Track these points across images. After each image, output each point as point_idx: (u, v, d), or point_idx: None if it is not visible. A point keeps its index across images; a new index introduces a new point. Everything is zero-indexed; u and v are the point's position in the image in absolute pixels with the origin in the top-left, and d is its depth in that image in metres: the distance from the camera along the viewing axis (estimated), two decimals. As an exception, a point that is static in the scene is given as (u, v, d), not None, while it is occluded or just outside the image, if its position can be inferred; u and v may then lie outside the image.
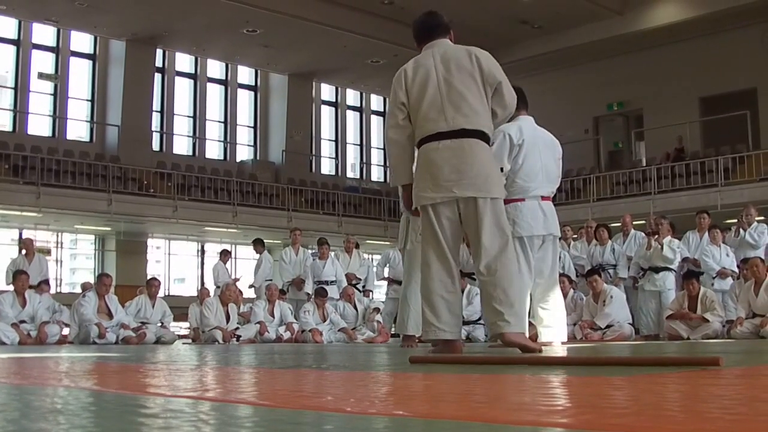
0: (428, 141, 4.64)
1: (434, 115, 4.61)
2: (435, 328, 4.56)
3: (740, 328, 9.25)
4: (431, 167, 4.59)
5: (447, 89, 4.62)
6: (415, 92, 4.69)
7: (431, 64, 4.72)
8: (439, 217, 4.62)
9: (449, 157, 4.56)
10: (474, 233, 4.60)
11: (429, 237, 4.65)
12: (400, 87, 4.76)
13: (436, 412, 1.51)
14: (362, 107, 28.17)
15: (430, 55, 4.77)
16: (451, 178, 4.54)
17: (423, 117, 4.64)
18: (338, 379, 2.63)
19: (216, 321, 11.11)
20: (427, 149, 4.64)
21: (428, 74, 4.69)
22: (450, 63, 4.68)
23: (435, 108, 4.62)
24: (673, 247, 10.69)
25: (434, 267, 4.61)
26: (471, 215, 4.59)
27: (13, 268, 11.97)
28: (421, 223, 4.74)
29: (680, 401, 1.68)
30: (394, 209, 24.58)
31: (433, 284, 4.60)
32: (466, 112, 4.59)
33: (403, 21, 21.01)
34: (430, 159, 4.60)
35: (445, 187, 4.56)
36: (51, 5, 19.31)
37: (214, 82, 24.86)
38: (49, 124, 21.60)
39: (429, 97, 4.64)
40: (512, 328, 4.49)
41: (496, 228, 4.57)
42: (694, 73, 21.27)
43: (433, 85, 4.65)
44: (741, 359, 3.79)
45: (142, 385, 2.41)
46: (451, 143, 4.57)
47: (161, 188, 20.50)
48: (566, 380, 2.32)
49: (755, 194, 17.33)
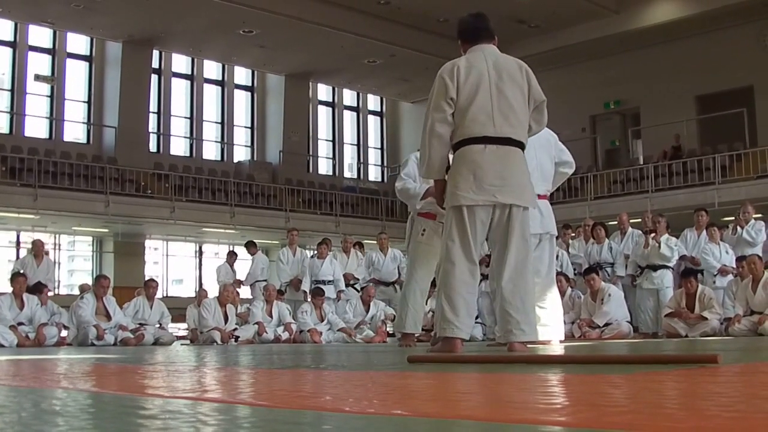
0: (472, 143, 4.65)
1: (483, 119, 4.63)
2: (454, 326, 4.59)
3: (738, 326, 9.26)
4: (476, 169, 4.61)
5: (498, 96, 4.66)
6: (466, 92, 4.68)
7: (484, 67, 4.73)
8: (474, 219, 4.64)
9: (494, 162, 4.61)
10: (502, 239, 4.68)
11: (458, 236, 4.65)
12: (452, 82, 4.71)
13: (435, 411, 1.51)
14: (359, 107, 28.17)
15: (482, 58, 4.78)
16: (495, 183, 4.60)
17: (471, 118, 4.65)
18: (337, 379, 2.63)
19: (214, 322, 11.10)
20: (471, 150, 4.65)
21: (481, 77, 4.70)
22: (502, 72, 4.72)
23: (484, 112, 4.64)
24: (670, 245, 10.70)
25: (460, 266, 4.63)
26: (503, 222, 4.66)
27: (20, 268, 11.97)
28: (451, 221, 4.70)
29: (679, 399, 1.68)
30: (391, 209, 24.59)
31: (456, 283, 4.62)
32: (513, 122, 4.67)
33: (399, 21, 21.05)
34: (475, 161, 4.62)
35: (488, 191, 4.60)
36: (47, 7, 19.28)
37: (210, 83, 24.84)
38: (46, 125, 21.57)
39: (480, 100, 4.65)
40: (526, 337, 4.62)
41: (522, 238, 4.68)
42: (691, 71, 21.27)
43: (485, 89, 4.67)
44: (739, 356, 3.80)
45: (141, 386, 2.41)
46: (497, 149, 4.63)
47: (158, 189, 20.48)
48: (565, 378, 2.32)
49: (752, 192, 17.34)
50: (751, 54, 20.52)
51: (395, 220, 24.15)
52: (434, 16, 20.40)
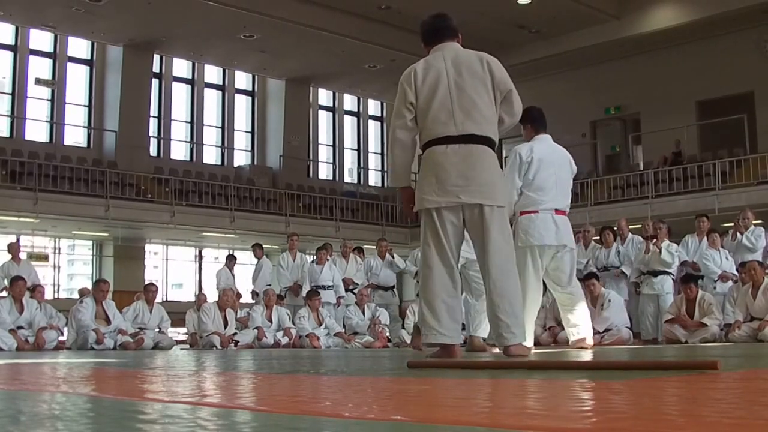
0: (435, 144, 4.57)
1: (443, 119, 4.54)
2: (436, 332, 4.49)
3: (738, 332, 9.25)
4: (438, 171, 4.53)
5: (458, 93, 4.55)
6: (424, 93, 4.60)
7: (442, 66, 4.64)
8: (443, 222, 4.55)
9: (457, 162, 4.51)
10: (480, 241, 4.58)
11: (432, 240, 4.57)
12: (410, 86, 4.65)
13: (435, 416, 1.51)
14: (359, 112, 28.18)
15: (441, 57, 4.70)
16: (458, 183, 4.49)
17: (431, 119, 4.56)
18: (336, 384, 2.63)
19: (214, 326, 11.11)
20: (433, 152, 4.57)
21: (439, 76, 4.61)
22: (461, 67, 4.62)
23: (444, 111, 4.54)
24: (671, 250, 10.71)
25: (436, 270, 4.54)
26: (477, 222, 4.55)
27: (4, 275, 11.98)
28: (424, 226, 4.65)
29: (679, 405, 1.68)
30: (391, 214, 24.59)
31: (435, 288, 4.53)
32: (475, 117, 4.54)
33: (399, 26, 21.05)
34: (437, 162, 4.54)
35: (451, 192, 4.50)
36: (48, 11, 19.30)
37: (211, 88, 24.85)
38: (47, 129, 21.57)
39: (439, 99, 4.56)
40: (518, 340, 4.55)
41: (501, 237, 4.55)
42: (691, 77, 21.28)
43: (443, 87, 4.57)
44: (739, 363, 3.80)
45: (140, 390, 2.40)
46: (459, 148, 4.52)
47: (159, 194, 20.48)
48: (564, 384, 2.32)
49: (753, 198, 17.34)
50: (751, 60, 20.54)
51: (395, 225, 24.16)
52: (435, 21, 20.38)
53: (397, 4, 20.08)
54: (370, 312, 11.94)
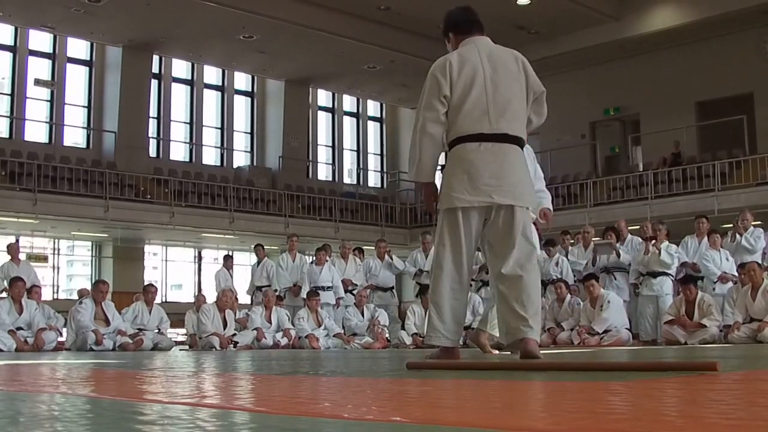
0: (466, 141, 4.40)
1: (477, 115, 4.38)
2: (440, 334, 4.39)
3: (737, 333, 9.26)
4: (470, 169, 4.36)
5: (493, 91, 4.40)
6: (460, 88, 4.41)
7: (477, 61, 4.46)
8: (468, 222, 4.41)
9: (490, 161, 4.36)
10: (503, 240, 4.42)
11: (449, 241, 4.42)
12: (445, 78, 4.44)
13: (434, 418, 1.51)
14: (359, 113, 28.16)
15: (475, 51, 4.51)
16: (491, 183, 4.34)
17: (465, 115, 4.39)
18: (335, 386, 2.63)
19: (213, 327, 11.10)
20: (465, 149, 4.40)
21: (475, 71, 4.43)
22: (497, 64, 4.48)
23: (479, 108, 4.38)
24: (670, 251, 10.71)
25: (448, 272, 4.41)
26: (503, 222, 4.41)
27: (4, 276, 11.97)
28: (442, 225, 4.46)
29: (678, 406, 1.68)
30: (390, 215, 24.59)
31: (444, 289, 4.41)
32: (509, 117, 4.42)
33: (399, 27, 21.06)
34: (469, 160, 4.37)
35: (483, 191, 4.35)
36: (47, 12, 19.29)
37: (210, 88, 24.85)
38: (46, 130, 21.56)
39: (474, 95, 4.39)
40: (534, 335, 4.36)
41: (524, 238, 4.42)
42: (691, 77, 21.29)
43: (479, 83, 4.41)
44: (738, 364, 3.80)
45: (140, 391, 2.40)
46: (492, 147, 4.38)
47: (158, 194, 20.47)
48: (563, 385, 2.32)
49: (752, 199, 17.34)
50: (750, 61, 20.55)
51: (394, 226, 24.16)
52: (434, 21, 20.23)
53: (396, 5, 20.07)
54: (370, 313, 11.94)
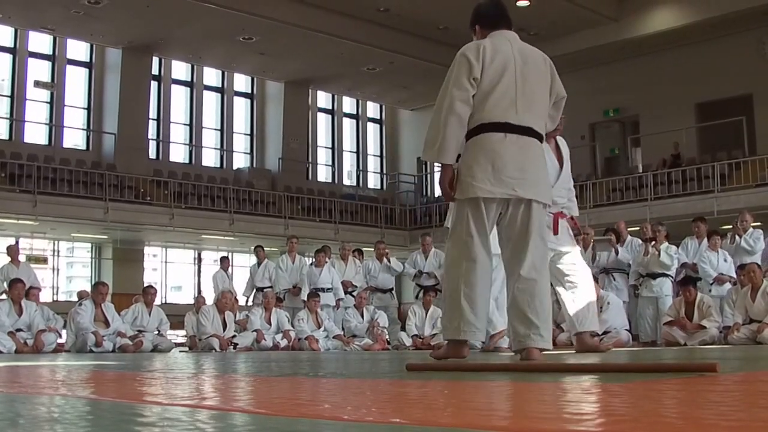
0: (491, 130, 4.31)
1: (506, 105, 4.31)
2: (474, 328, 4.26)
3: (737, 334, 9.25)
4: (495, 159, 4.27)
5: (523, 83, 4.35)
6: (491, 73, 4.31)
7: (509, 52, 4.39)
8: (489, 213, 4.31)
9: (515, 153, 4.29)
10: (520, 237, 4.33)
11: (477, 231, 4.29)
12: (477, 60, 4.31)
13: (434, 419, 1.51)
14: (358, 115, 28.17)
15: (507, 42, 4.45)
16: (515, 175, 4.26)
17: (493, 103, 4.30)
18: (335, 387, 2.63)
19: (213, 329, 11.10)
20: (489, 138, 4.31)
21: (507, 61, 4.36)
22: (528, 59, 4.44)
23: (508, 98, 4.31)
24: (670, 253, 10.71)
25: (481, 264, 4.28)
26: (521, 218, 4.33)
27: (4, 278, 11.97)
28: (466, 215, 4.32)
29: (677, 408, 1.67)
30: (390, 217, 24.59)
31: (478, 282, 4.27)
32: (535, 112, 4.40)
33: (399, 28, 21.07)
34: (495, 150, 4.28)
35: (507, 183, 4.26)
36: (47, 13, 19.30)
37: (210, 90, 24.86)
38: (46, 132, 21.57)
39: (504, 84, 4.32)
40: (544, 345, 4.30)
41: (539, 236, 4.36)
42: (690, 79, 21.29)
43: (510, 73, 4.33)
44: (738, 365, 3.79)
45: (139, 393, 2.40)
46: (517, 139, 4.31)
47: (158, 196, 20.47)
48: (563, 387, 2.32)
49: (751, 200, 17.35)
50: (750, 62, 20.56)
51: (394, 227, 24.16)
52: (434, 23, 20.39)
53: (396, 7, 20.09)
54: (369, 314, 11.94)
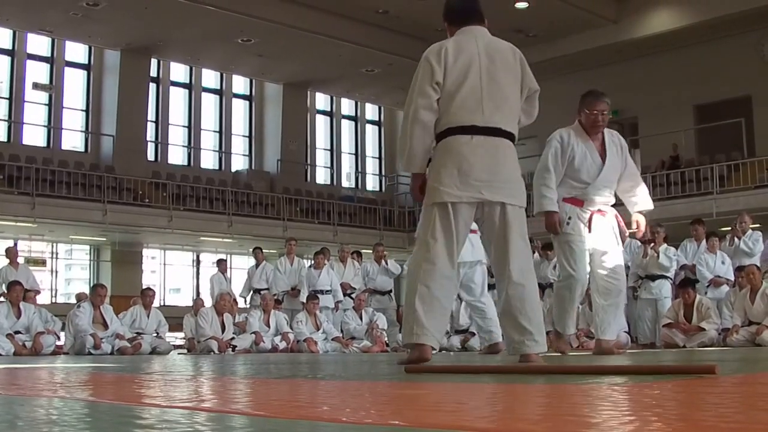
0: (457, 133, 4.22)
1: (471, 106, 4.20)
2: (428, 332, 4.13)
3: (736, 336, 9.26)
4: (461, 162, 4.18)
5: (489, 82, 4.23)
6: (454, 75, 4.22)
7: (474, 50, 4.29)
8: (458, 218, 4.21)
9: (482, 155, 4.19)
10: (500, 242, 4.25)
11: (442, 235, 4.19)
12: (439, 64, 4.25)
13: (432, 421, 1.51)
14: (357, 116, 28.17)
15: (473, 40, 4.34)
16: (482, 178, 4.17)
17: (458, 105, 4.21)
18: (334, 389, 2.62)
19: (211, 331, 11.09)
20: (456, 141, 4.22)
21: (471, 61, 4.25)
22: (495, 55, 4.32)
23: (473, 99, 4.21)
24: (669, 254, 10.71)
25: (441, 268, 4.17)
26: (497, 222, 4.24)
27: (2, 280, 11.95)
28: (433, 218, 4.24)
29: (677, 409, 1.67)
30: (389, 219, 24.58)
31: (437, 286, 4.16)
32: (504, 111, 4.26)
33: (397, 30, 21.08)
34: (461, 153, 4.19)
35: (474, 186, 4.17)
36: (46, 15, 19.30)
37: (208, 92, 24.85)
38: (44, 134, 21.56)
39: (469, 85, 4.21)
40: (540, 349, 4.24)
41: (521, 239, 4.26)
42: (689, 80, 21.30)
43: (475, 73, 4.23)
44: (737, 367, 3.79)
45: (138, 395, 2.40)
46: (485, 140, 4.20)
47: (156, 198, 20.47)
48: (562, 389, 2.32)
49: (750, 202, 17.35)
50: (749, 64, 20.56)
51: (393, 229, 24.16)
52: (432, 25, 20.27)
53: (394, 9, 20.10)
54: (368, 316, 11.94)
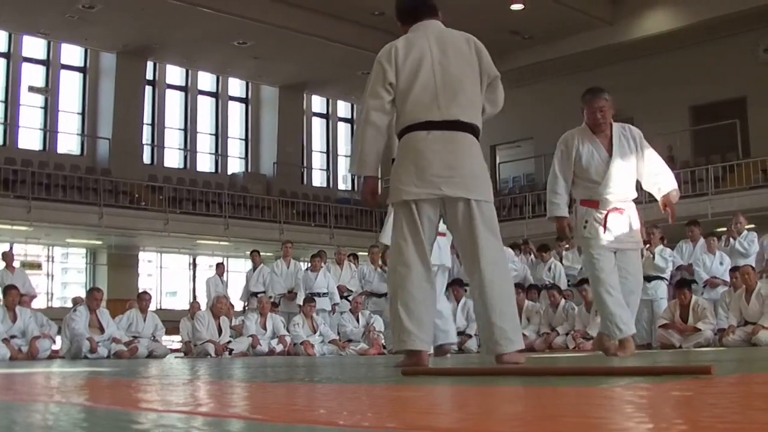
0: (415, 129, 4.13)
1: (426, 101, 4.11)
2: (416, 337, 4.04)
3: (732, 336, 9.27)
4: (418, 159, 4.08)
5: (442, 75, 4.13)
6: (405, 73, 4.14)
7: (425, 45, 4.20)
8: (421, 215, 4.11)
9: (440, 149, 4.07)
10: (467, 239, 4.11)
11: (409, 236, 4.10)
12: (390, 64, 4.16)
13: (430, 424, 1.51)
14: (353, 119, 28.17)
15: (424, 35, 4.27)
16: (441, 173, 4.06)
17: (412, 102, 4.12)
18: (331, 393, 2.62)
19: (208, 334, 11.08)
20: (413, 138, 4.12)
21: (422, 56, 4.16)
22: (447, 47, 4.21)
23: (428, 94, 4.11)
24: (664, 256, 10.71)
25: (415, 270, 4.07)
26: (461, 219, 4.11)
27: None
28: (399, 220, 4.18)
29: (673, 410, 1.68)
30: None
31: (414, 289, 4.06)
32: (461, 102, 4.13)
33: (393, 32, 20.93)
34: (417, 150, 4.09)
35: (432, 183, 4.06)
36: (41, 18, 19.28)
37: (205, 95, 24.86)
38: (40, 137, 21.54)
39: (421, 80, 4.12)
40: (516, 347, 4.09)
41: (490, 234, 4.10)
42: (684, 81, 21.31)
43: (427, 68, 4.14)
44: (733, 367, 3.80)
45: (134, 400, 2.40)
46: (442, 135, 4.09)
47: (152, 201, 20.46)
48: (560, 391, 2.32)
49: (745, 203, 17.37)
50: (744, 65, 20.59)
51: (389, 231, 24.13)
52: (428, 27, 20.41)
53: (390, 11, 19.80)
54: (365, 319, 11.92)
